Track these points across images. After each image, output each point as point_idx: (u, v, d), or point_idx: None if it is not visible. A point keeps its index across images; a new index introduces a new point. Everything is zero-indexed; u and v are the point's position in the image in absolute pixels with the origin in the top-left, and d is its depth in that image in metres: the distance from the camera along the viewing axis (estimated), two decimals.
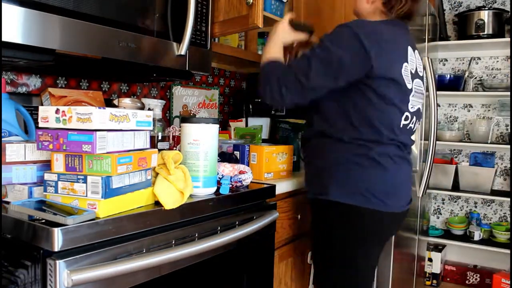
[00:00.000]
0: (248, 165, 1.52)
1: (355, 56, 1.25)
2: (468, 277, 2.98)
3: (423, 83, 1.45)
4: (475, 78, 2.99)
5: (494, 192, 2.84)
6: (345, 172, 1.31)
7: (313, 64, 1.27)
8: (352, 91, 1.30)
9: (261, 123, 2.14)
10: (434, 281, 2.95)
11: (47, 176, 0.92)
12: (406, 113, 1.36)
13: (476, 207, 3.08)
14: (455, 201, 3.15)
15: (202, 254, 1.07)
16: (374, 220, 1.33)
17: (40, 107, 0.92)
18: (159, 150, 1.14)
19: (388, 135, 1.31)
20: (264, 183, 1.40)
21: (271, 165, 1.53)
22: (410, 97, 1.36)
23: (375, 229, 1.36)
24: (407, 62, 1.34)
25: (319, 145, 1.39)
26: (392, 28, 1.33)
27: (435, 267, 2.94)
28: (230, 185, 1.26)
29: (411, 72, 1.35)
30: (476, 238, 2.87)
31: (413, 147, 2.22)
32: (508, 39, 2.67)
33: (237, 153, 1.55)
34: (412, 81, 1.36)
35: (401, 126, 1.35)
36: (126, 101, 1.41)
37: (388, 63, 1.28)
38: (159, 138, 1.50)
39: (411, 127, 1.41)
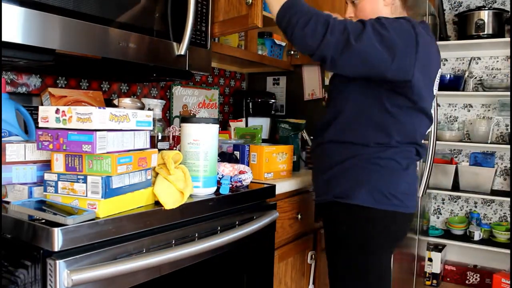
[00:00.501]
0: (248, 165, 1.52)
1: (408, 48, 1.17)
2: (468, 277, 2.98)
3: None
4: (475, 78, 2.99)
5: (494, 192, 2.84)
6: (367, 174, 1.28)
7: (368, 29, 1.16)
8: (378, 97, 1.26)
9: (261, 123, 2.14)
10: (434, 281, 2.95)
11: (47, 176, 0.92)
12: (432, 120, 1.35)
13: (476, 207, 3.08)
14: (455, 201, 3.15)
15: (202, 254, 1.07)
16: (395, 222, 1.30)
17: (40, 107, 0.92)
18: (159, 150, 1.15)
19: (409, 139, 1.30)
20: (264, 183, 1.40)
21: (271, 165, 1.53)
22: (434, 103, 1.35)
23: (396, 231, 1.34)
24: (440, 68, 1.33)
25: (335, 151, 1.33)
26: (428, 32, 1.29)
27: (435, 267, 2.94)
28: (230, 185, 1.26)
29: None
30: (476, 238, 2.87)
31: None
32: (508, 39, 2.67)
33: (237, 153, 1.55)
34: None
35: (426, 133, 1.34)
36: (126, 101, 1.41)
37: (427, 69, 1.24)
38: (159, 138, 1.50)
39: (429, 131, 1.42)
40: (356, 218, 1.30)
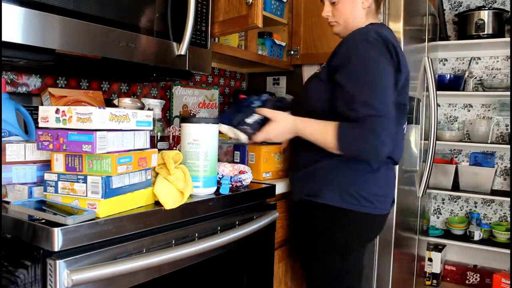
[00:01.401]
0: (247, 165, 1.51)
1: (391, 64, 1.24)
2: (468, 277, 2.98)
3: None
4: (475, 78, 2.99)
5: (494, 192, 2.83)
6: (338, 174, 1.29)
7: (379, 95, 1.18)
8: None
9: None
10: (434, 281, 2.95)
11: (47, 176, 0.92)
12: (404, 126, 1.39)
13: (476, 207, 3.08)
14: (455, 201, 3.15)
15: (202, 254, 1.07)
16: (364, 223, 1.32)
17: (40, 107, 0.92)
18: (159, 150, 1.15)
19: None
20: (263, 183, 1.40)
21: (270, 165, 1.53)
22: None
23: (367, 232, 1.37)
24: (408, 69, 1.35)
25: (310, 149, 1.31)
26: (390, 32, 1.35)
27: (435, 267, 2.94)
28: (230, 185, 1.26)
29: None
30: (476, 238, 2.87)
31: (413, 147, 2.22)
32: (508, 39, 2.67)
33: (237, 153, 1.55)
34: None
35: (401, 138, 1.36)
36: (126, 101, 1.41)
37: (405, 70, 1.29)
38: (159, 138, 1.50)
39: (403, 135, 1.42)
40: (326, 217, 1.31)
